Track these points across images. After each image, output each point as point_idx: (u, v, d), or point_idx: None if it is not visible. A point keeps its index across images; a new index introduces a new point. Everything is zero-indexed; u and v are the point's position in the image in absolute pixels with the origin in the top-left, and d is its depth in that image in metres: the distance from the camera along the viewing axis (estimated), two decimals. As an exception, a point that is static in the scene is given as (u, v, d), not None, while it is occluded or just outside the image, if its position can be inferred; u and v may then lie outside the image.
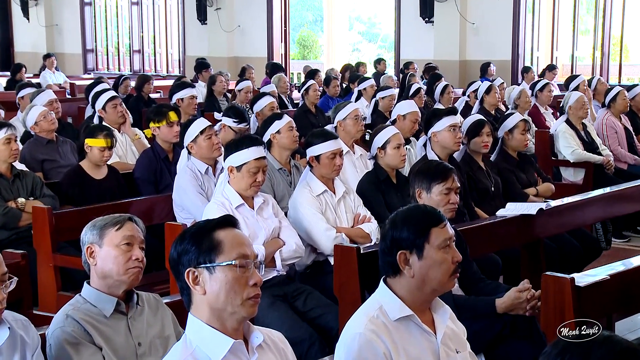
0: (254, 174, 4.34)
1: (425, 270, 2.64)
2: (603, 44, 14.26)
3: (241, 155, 4.36)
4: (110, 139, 5.68)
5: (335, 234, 4.60)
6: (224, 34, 17.42)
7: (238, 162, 4.35)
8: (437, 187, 4.04)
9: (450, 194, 4.05)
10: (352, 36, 28.02)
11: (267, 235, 4.37)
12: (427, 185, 4.05)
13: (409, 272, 2.65)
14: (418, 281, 2.64)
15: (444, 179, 4.04)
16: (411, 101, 7.17)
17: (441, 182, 4.04)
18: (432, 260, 2.64)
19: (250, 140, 4.42)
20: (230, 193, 4.38)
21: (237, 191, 4.37)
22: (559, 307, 3.37)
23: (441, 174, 4.05)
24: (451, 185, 4.05)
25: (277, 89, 10.36)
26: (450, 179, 4.06)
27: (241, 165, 4.35)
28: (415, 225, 2.66)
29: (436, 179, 4.04)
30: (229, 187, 4.40)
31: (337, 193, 4.82)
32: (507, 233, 4.85)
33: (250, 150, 4.36)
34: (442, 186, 4.03)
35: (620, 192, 5.81)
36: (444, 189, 4.03)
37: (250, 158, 4.34)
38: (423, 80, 12.60)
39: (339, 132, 6.08)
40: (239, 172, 4.36)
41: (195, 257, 2.31)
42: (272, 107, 7.51)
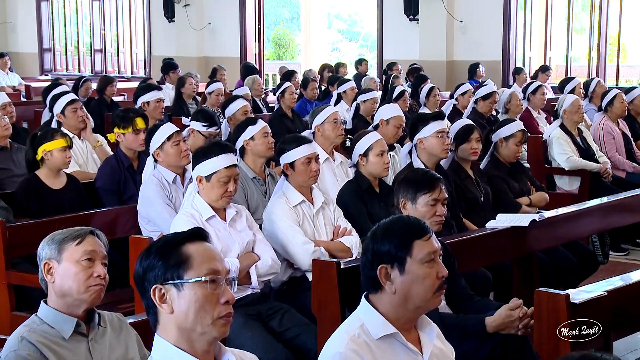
0: (224, 183, 4.34)
1: (408, 285, 2.65)
2: (599, 43, 14.38)
3: (210, 163, 4.35)
4: (68, 137, 5.68)
5: (313, 248, 4.60)
6: (193, 32, 17.40)
7: (207, 172, 4.35)
8: (423, 198, 4.06)
9: (437, 205, 4.07)
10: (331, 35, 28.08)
11: (240, 249, 4.37)
12: (412, 195, 4.07)
13: (390, 288, 2.66)
14: (400, 297, 2.65)
15: (431, 189, 4.06)
16: (395, 105, 7.19)
17: (427, 193, 4.06)
18: (415, 275, 2.65)
19: (220, 147, 4.42)
20: (200, 204, 4.37)
21: (208, 202, 4.37)
22: (553, 325, 3.39)
23: (428, 184, 4.07)
24: (438, 196, 4.07)
25: (251, 91, 10.36)
26: (438, 189, 4.08)
27: (210, 175, 4.34)
28: (397, 237, 2.67)
29: (422, 189, 4.06)
30: (199, 198, 4.39)
31: (315, 203, 4.82)
32: (498, 246, 4.87)
33: (220, 158, 4.35)
34: (428, 197, 4.05)
35: (619, 202, 5.85)
36: (430, 200, 4.06)
37: (220, 167, 4.34)
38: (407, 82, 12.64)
39: (317, 137, 6.09)
40: (209, 182, 4.35)
41: (162, 273, 2.30)
42: (245, 111, 7.51)
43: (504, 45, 14.55)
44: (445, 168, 5.71)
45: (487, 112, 8.78)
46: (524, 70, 13.36)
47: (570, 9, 15.02)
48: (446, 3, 14.55)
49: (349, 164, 5.53)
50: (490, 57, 14.38)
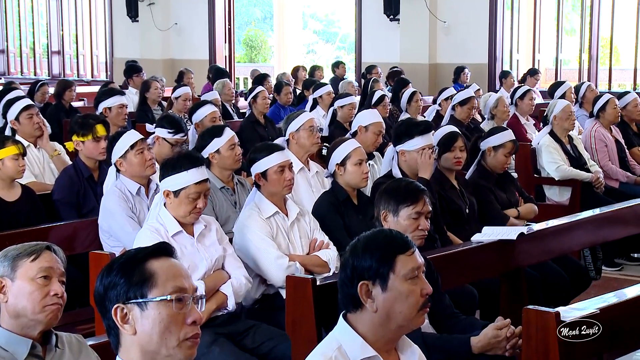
0: (193, 200, 4.32)
1: (390, 303, 2.65)
2: (591, 45, 14.50)
3: (179, 178, 4.32)
4: (21, 145, 5.64)
5: (287, 263, 4.60)
6: (159, 32, 17.37)
7: (175, 187, 4.33)
8: (405, 210, 4.06)
9: (420, 218, 4.08)
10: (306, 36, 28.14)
11: (208, 266, 4.35)
12: (394, 207, 4.08)
13: (371, 306, 2.66)
14: (382, 316, 2.66)
15: (414, 202, 4.07)
16: (374, 110, 7.21)
17: (410, 205, 4.06)
18: (398, 292, 2.65)
19: (190, 161, 4.37)
20: (166, 218, 4.35)
21: (175, 217, 4.35)
22: (542, 345, 3.41)
23: (411, 196, 4.08)
24: (422, 209, 4.08)
25: (220, 96, 10.36)
26: (422, 201, 4.08)
27: (179, 190, 4.33)
28: (379, 251, 2.68)
29: (405, 201, 4.07)
30: (165, 212, 4.37)
31: (289, 215, 4.82)
32: (484, 261, 4.89)
33: (190, 172, 4.32)
34: (411, 209, 4.06)
35: (612, 214, 5.89)
36: (413, 213, 4.06)
37: (189, 182, 4.32)
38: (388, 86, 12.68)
39: (291, 145, 6.09)
40: (177, 198, 4.33)
41: (124, 292, 2.29)
42: (214, 117, 7.50)
43: (490, 47, 14.63)
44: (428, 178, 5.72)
45: (465, 118, 8.77)
46: (511, 73, 13.43)
47: (560, 9, 15.15)
48: (429, 2, 14.62)
49: (325, 173, 5.54)
50: (476, 59, 14.46)
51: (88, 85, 16.55)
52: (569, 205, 7.43)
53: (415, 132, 5.53)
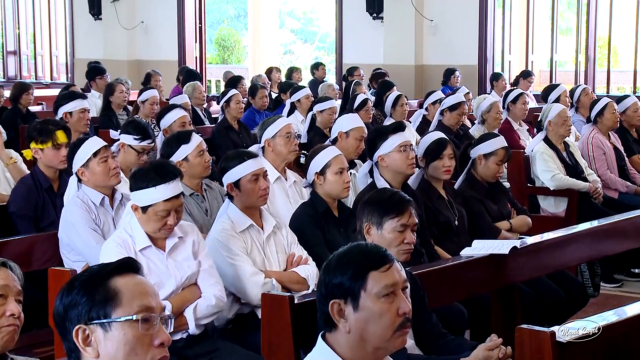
0: (162, 217, 4.29)
1: (362, 324, 2.65)
2: (588, 46, 14.59)
3: (145, 194, 4.29)
4: None
5: (263, 280, 4.60)
6: (123, 31, 17.33)
7: (142, 203, 4.31)
8: (390, 223, 4.07)
9: (406, 231, 4.09)
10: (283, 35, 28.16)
11: (178, 284, 4.34)
12: (378, 219, 4.08)
13: (344, 327, 2.66)
14: (355, 337, 2.66)
15: (399, 213, 4.08)
16: (356, 115, 7.22)
17: (395, 217, 4.07)
18: (370, 311, 2.65)
19: (160, 176, 4.29)
20: (136, 230, 4.34)
21: (145, 231, 4.34)
22: (537, 367, 3.41)
23: (396, 207, 4.08)
24: (407, 221, 4.09)
25: (191, 100, 10.34)
26: (407, 213, 4.09)
27: (146, 207, 4.31)
28: (351, 268, 2.68)
29: (389, 213, 4.08)
30: (136, 222, 4.35)
31: (265, 228, 4.82)
32: (474, 277, 4.90)
33: (157, 190, 4.27)
34: (396, 222, 4.07)
35: (611, 226, 5.91)
36: (398, 226, 4.07)
37: (156, 200, 4.27)
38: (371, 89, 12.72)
39: (266, 153, 6.09)
40: (145, 214, 4.32)
41: (86, 311, 2.28)
42: (184, 122, 7.48)
43: (481, 47, 14.70)
44: (414, 188, 5.74)
45: (454, 124, 8.79)
46: (502, 76, 13.49)
47: (555, 7, 15.24)
48: (415, 0, 14.67)
49: (303, 183, 5.54)
50: (465, 61, 14.52)
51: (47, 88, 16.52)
52: (565, 217, 7.46)
53: (389, 132, 5.59)
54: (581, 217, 7.16)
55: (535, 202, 7.84)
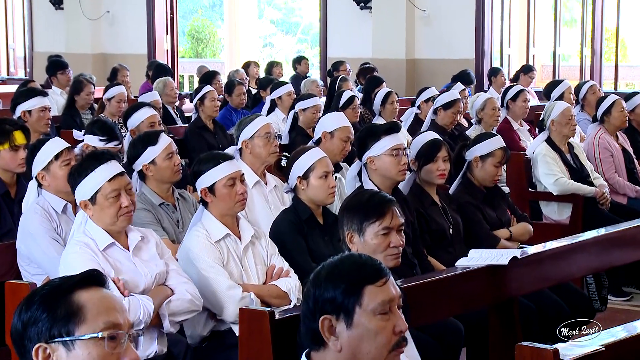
0: (114, 199, 4.35)
1: (356, 342, 2.65)
2: (594, 38, 14.63)
3: (88, 182, 4.37)
4: None
5: (241, 294, 4.60)
6: (88, 22, 17.29)
7: (88, 193, 4.37)
8: (372, 228, 4.05)
9: (391, 234, 4.06)
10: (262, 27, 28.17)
11: (148, 282, 4.36)
12: (358, 225, 4.06)
13: (334, 345, 2.66)
14: (347, 357, 2.66)
15: (380, 216, 4.06)
16: (341, 114, 7.23)
17: (376, 221, 4.05)
18: (365, 329, 2.66)
19: (95, 159, 4.42)
20: (94, 231, 4.37)
21: (103, 228, 4.36)
22: (539, 388, 3.43)
23: (375, 209, 4.07)
24: (390, 222, 4.06)
25: (161, 97, 10.31)
26: (389, 214, 4.07)
27: (94, 195, 4.35)
28: (344, 281, 2.68)
29: (369, 217, 4.06)
30: (92, 224, 4.39)
31: (243, 238, 4.82)
32: (471, 290, 4.91)
33: (97, 172, 4.36)
34: (378, 226, 4.05)
35: (619, 235, 5.92)
36: (380, 229, 4.05)
37: (101, 182, 4.35)
38: (358, 85, 12.72)
39: (244, 155, 6.10)
40: (96, 205, 4.37)
41: (47, 328, 2.28)
42: (153, 122, 7.46)
43: (478, 40, 14.73)
44: (405, 193, 5.75)
45: (448, 124, 8.80)
46: (501, 71, 13.53)
47: (558, -4, 15.29)
48: (406, -12, 14.72)
49: (284, 188, 5.54)
50: (461, 54, 14.55)
51: (3, 84, 16.44)
52: (569, 225, 7.47)
53: (381, 132, 5.56)
54: (587, 225, 7.17)
55: (537, 208, 7.85)
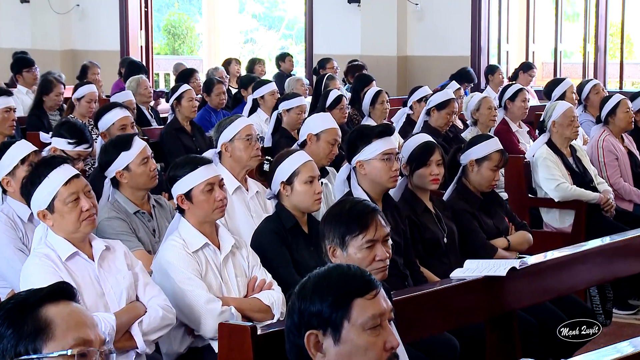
0: (73, 203, 4.35)
1: (344, 359, 2.65)
2: (597, 34, 14.67)
3: (43, 190, 4.36)
4: None
5: (220, 308, 4.59)
6: (55, 17, 17.26)
7: (45, 202, 4.37)
8: (354, 242, 3.96)
9: (376, 246, 3.99)
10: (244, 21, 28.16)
11: (117, 297, 4.36)
12: (340, 240, 3.98)
13: (321, 361, 2.67)
14: (334, 374, 2.67)
15: (363, 228, 3.98)
16: (327, 114, 7.23)
17: (359, 234, 3.98)
18: (354, 345, 2.66)
19: (47, 165, 4.42)
20: (55, 241, 4.38)
21: (65, 237, 4.36)
22: (539, 407, 3.44)
23: (358, 222, 3.98)
24: (374, 235, 3.99)
25: (135, 97, 10.30)
26: (373, 226, 4.00)
27: (51, 203, 4.36)
28: (332, 294, 2.68)
29: (352, 230, 3.98)
30: (53, 235, 4.39)
31: (222, 248, 4.82)
32: (467, 303, 4.91)
33: (51, 178, 4.36)
34: (361, 239, 3.97)
35: (625, 244, 5.93)
36: (364, 243, 3.98)
37: (57, 187, 4.35)
38: (346, 84, 12.73)
39: (224, 159, 6.09)
40: (55, 213, 4.37)
41: (12, 346, 2.28)
42: (124, 125, 7.45)
43: (474, 36, 14.76)
44: (397, 199, 5.75)
45: (442, 126, 8.81)
46: (499, 68, 13.54)
47: (560, -12, 15.34)
48: (397, -20, 14.75)
49: (267, 194, 5.54)
50: (456, 51, 14.58)
51: (-36, 83, 16.39)
52: (571, 233, 7.49)
53: (373, 135, 5.55)
54: (590, 233, 7.18)
55: (537, 215, 7.86)
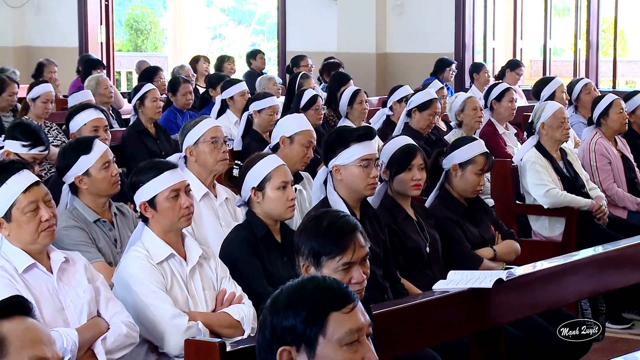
0: (32, 212, 4.33)
1: (319, 377, 2.66)
2: (589, 30, 14.70)
3: (0, 196, 4.35)
4: None
5: (187, 323, 4.59)
6: (9, 11, 17.20)
7: (1, 210, 4.35)
8: (330, 263, 3.90)
9: (352, 269, 3.93)
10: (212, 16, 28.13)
11: (78, 312, 4.35)
12: (314, 259, 3.93)
13: (294, 381, 2.67)
14: (308, 393, 2.67)
15: (341, 251, 3.91)
16: (301, 115, 7.23)
17: (336, 256, 3.91)
18: (330, 363, 2.67)
19: (4, 169, 4.40)
20: (11, 252, 4.36)
21: (22, 247, 4.35)
22: None
23: (335, 242, 3.91)
24: (352, 257, 3.90)
25: (95, 97, 10.28)
26: (350, 248, 3.90)
27: (8, 211, 4.35)
28: (306, 307, 2.68)
29: (328, 250, 3.91)
30: (8, 245, 4.38)
31: (189, 259, 4.82)
32: (450, 317, 4.92)
33: (9, 185, 4.35)
34: (337, 262, 3.91)
35: (618, 254, 5.94)
36: (340, 265, 3.91)
37: (15, 195, 4.34)
38: (322, 83, 12.74)
39: (190, 164, 6.08)
40: (11, 222, 4.36)
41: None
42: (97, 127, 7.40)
43: (458, 32, 14.78)
44: (376, 206, 5.75)
45: (425, 128, 8.81)
46: (485, 67, 13.55)
47: (549, -18, 15.38)
48: (376, -27, 14.76)
49: (237, 201, 5.53)
50: (439, 48, 14.57)
51: None
52: (562, 242, 7.51)
53: (352, 138, 5.52)
54: (582, 242, 7.20)
55: (526, 223, 7.87)
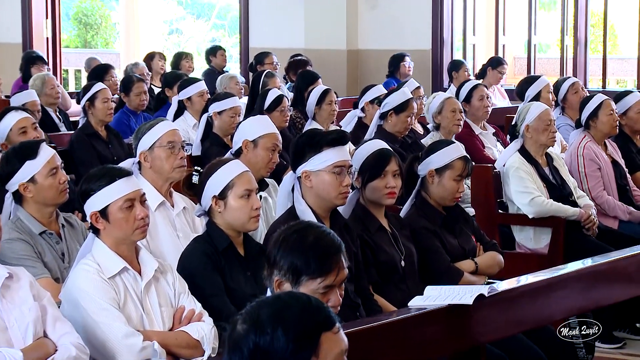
0: None
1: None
2: (577, 25, 14.75)
3: None
4: None
5: (141, 343, 4.58)
6: (-54, 3, 17.17)
7: None
8: (310, 284, 3.90)
9: (331, 292, 3.91)
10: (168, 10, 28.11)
11: (23, 331, 4.35)
12: (293, 277, 3.92)
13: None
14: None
15: (324, 272, 3.92)
16: (265, 117, 7.23)
17: (318, 277, 3.91)
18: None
19: None
20: None
21: None
22: None
23: (320, 263, 3.91)
24: (334, 280, 3.91)
25: (40, 97, 10.25)
26: (335, 270, 3.91)
27: None
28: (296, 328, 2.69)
29: (310, 271, 3.91)
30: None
31: (144, 273, 4.81)
32: (428, 336, 4.93)
33: None
34: (317, 284, 3.91)
35: (609, 267, 5.96)
36: (320, 288, 3.91)
37: None
38: (287, 82, 12.75)
39: (144, 170, 6.07)
40: None
41: None
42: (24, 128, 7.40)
43: (435, 27, 14.81)
44: (347, 216, 5.75)
45: (401, 131, 8.81)
46: (465, 64, 13.59)
47: (533, -27, 15.44)
48: (346, -37, 14.79)
49: (196, 211, 5.53)
50: (415, 45, 14.60)
51: None
52: (548, 255, 7.52)
53: (324, 142, 5.50)
54: (570, 255, 7.22)
55: (509, 234, 7.89)
